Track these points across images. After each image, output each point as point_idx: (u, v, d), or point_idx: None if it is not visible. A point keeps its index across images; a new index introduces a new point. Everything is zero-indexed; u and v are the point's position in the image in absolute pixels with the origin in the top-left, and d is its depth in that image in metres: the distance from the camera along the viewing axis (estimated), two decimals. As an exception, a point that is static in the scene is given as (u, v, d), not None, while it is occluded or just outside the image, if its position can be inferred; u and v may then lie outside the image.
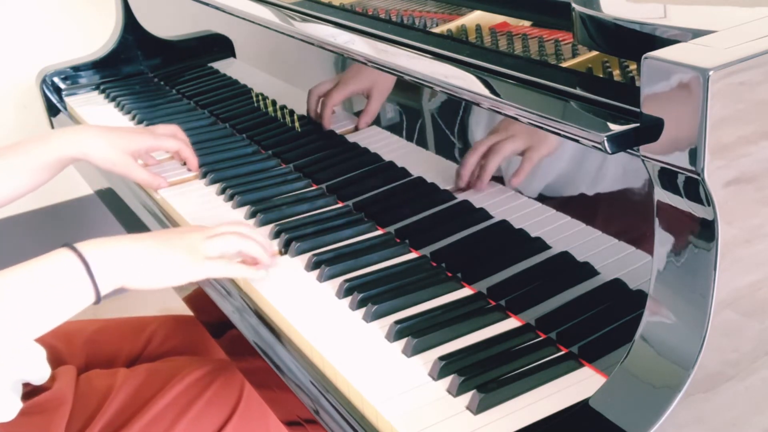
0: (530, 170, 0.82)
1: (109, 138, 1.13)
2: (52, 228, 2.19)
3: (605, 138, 0.63)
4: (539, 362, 0.77)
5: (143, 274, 0.87)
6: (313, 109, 1.15)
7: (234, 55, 1.38)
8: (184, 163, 1.25)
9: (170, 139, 1.20)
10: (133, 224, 1.27)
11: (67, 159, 1.12)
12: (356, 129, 1.07)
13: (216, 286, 1.00)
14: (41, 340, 1.02)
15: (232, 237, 0.92)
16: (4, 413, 0.93)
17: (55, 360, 1.11)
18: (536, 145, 0.81)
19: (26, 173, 1.09)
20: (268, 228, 1.07)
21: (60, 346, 1.15)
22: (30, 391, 1.01)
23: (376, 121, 1.03)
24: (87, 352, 1.17)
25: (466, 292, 0.90)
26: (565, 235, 0.80)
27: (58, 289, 0.82)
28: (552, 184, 0.81)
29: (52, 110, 1.68)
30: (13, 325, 0.80)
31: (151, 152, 1.22)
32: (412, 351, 0.81)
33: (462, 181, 0.90)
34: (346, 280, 0.92)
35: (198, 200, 1.18)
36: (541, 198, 0.82)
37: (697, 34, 0.64)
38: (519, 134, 0.82)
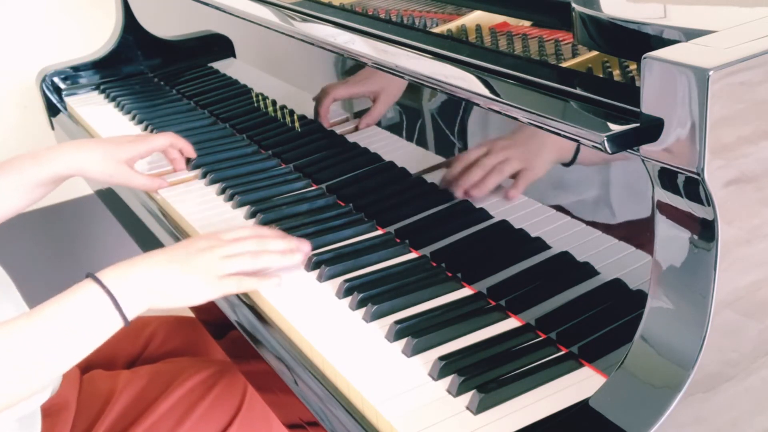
0: (525, 188, 0.83)
1: (103, 150, 1.13)
2: (52, 228, 2.18)
3: (605, 138, 0.63)
4: (539, 362, 0.77)
5: (165, 296, 0.89)
6: (315, 104, 1.15)
7: (234, 55, 1.38)
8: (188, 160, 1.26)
9: (160, 136, 1.20)
10: (133, 224, 1.27)
11: (63, 177, 1.11)
12: (356, 129, 1.07)
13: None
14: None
15: (247, 258, 0.92)
16: None
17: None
18: (531, 166, 0.81)
19: (20, 193, 1.09)
20: (268, 228, 1.07)
21: None
22: None
23: (376, 122, 1.03)
24: None
25: (466, 292, 0.90)
26: (565, 235, 0.80)
27: (87, 323, 0.85)
28: (552, 184, 0.81)
29: (52, 110, 1.68)
30: (49, 362, 0.83)
31: (145, 156, 1.21)
32: (412, 351, 0.81)
33: (460, 194, 0.91)
34: (346, 280, 0.92)
35: (198, 200, 1.18)
36: (541, 198, 0.82)
37: (697, 34, 0.64)
38: (516, 156, 0.83)
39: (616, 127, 0.63)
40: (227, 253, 0.92)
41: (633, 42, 0.69)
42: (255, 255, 0.93)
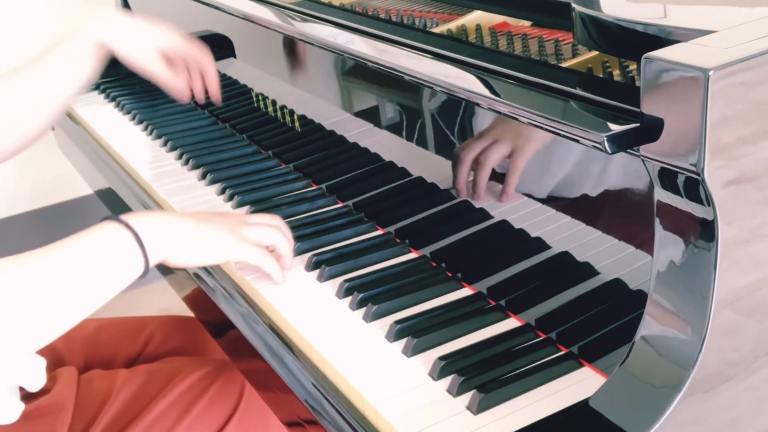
0: (518, 179, 0.82)
1: (136, 24, 1.10)
2: (52, 228, 2.19)
3: (605, 138, 0.63)
4: (539, 362, 0.77)
5: (187, 248, 0.86)
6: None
7: (234, 55, 1.38)
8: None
9: (198, 51, 1.17)
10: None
11: (98, 47, 1.07)
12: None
13: (216, 287, 1.00)
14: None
15: (271, 230, 0.93)
16: (6, 415, 0.93)
17: (55, 359, 1.11)
18: (521, 148, 0.81)
19: (70, 70, 1.07)
20: (268, 228, 1.07)
21: (59, 345, 1.14)
22: (31, 394, 1.01)
23: (376, 122, 1.03)
24: (86, 350, 1.17)
25: (466, 292, 0.90)
26: (565, 235, 0.80)
27: (109, 262, 0.80)
28: (552, 184, 0.81)
29: (52, 110, 1.67)
30: (59, 303, 0.77)
31: (179, 54, 1.17)
32: (412, 351, 0.81)
33: (461, 194, 0.90)
34: (346, 280, 0.92)
35: (198, 200, 1.18)
36: (541, 198, 0.82)
37: (697, 34, 0.64)
38: (503, 139, 0.82)
39: (616, 127, 0.63)
40: (252, 221, 0.92)
41: (633, 42, 0.69)
42: (279, 231, 0.93)
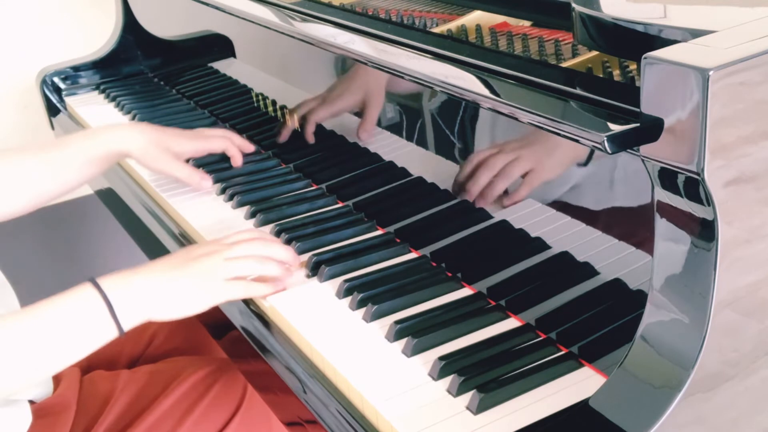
0: (528, 194, 0.83)
1: (154, 135, 1.15)
2: (52, 228, 2.18)
3: (605, 138, 0.63)
4: (539, 362, 0.77)
5: (167, 307, 0.88)
6: (299, 124, 1.16)
7: (234, 55, 1.38)
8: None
9: (218, 140, 1.23)
10: (133, 224, 1.27)
11: (113, 154, 1.14)
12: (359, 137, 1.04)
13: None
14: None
15: (252, 262, 0.91)
16: (17, 428, 0.94)
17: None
18: (540, 170, 0.81)
19: (74, 168, 1.12)
20: (268, 228, 1.07)
21: None
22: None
23: (376, 122, 1.03)
24: None
25: (466, 292, 0.90)
26: (565, 235, 0.80)
27: (80, 328, 0.84)
28: (552, 184, 0.81)
29: (52, 110, 1.68)
30: (37, 362, 0.83)
31: (199, 155, 1.23)
32: (412, 351, 0.81)
33: (469, 198, 0.90)
34: (346, 280, 0.92)
35: (198, 200, 1.18)
36: (542, 198, 0.82)
37: (697, 34, 0.64)
38: (527, 157, 0.82)
39: (616, 127, 0.63)
40: (231, 255, 0.91)
41: (633, 42, 0.69)
42: (261, 260, 0.92)
